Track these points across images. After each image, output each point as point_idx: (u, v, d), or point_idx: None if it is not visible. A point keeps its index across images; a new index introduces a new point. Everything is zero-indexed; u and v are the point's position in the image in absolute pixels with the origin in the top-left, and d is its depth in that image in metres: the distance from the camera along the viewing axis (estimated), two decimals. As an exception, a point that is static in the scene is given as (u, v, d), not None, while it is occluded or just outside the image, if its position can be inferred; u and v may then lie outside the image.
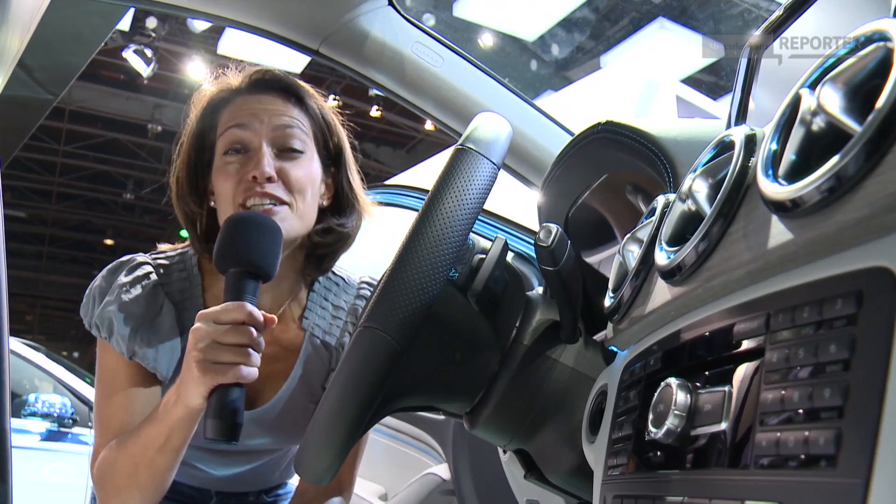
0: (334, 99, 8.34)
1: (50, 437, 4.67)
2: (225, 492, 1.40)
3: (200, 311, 1.00)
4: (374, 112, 9.50)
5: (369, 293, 1.34)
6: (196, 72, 9.68)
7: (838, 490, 0.35)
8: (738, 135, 0.53)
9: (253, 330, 0.99)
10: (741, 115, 0.69)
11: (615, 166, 0.97)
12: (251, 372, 0.99)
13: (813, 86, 0.44)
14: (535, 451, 0.86)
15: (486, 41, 8.20)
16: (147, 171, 12.55)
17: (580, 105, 5.42)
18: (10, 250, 1.55)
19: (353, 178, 1.28)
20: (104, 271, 1.23)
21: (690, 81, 7.39)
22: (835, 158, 0.39)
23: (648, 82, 5.65)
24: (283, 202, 1.14)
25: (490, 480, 1.71)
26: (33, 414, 4.62)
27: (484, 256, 0.84)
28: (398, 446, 2.17)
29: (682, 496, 0.47)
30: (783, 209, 0.43)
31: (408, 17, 1.43)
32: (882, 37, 0.39)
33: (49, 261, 15.92)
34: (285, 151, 1.16)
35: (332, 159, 1.25)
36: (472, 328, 0.83)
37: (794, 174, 0.43)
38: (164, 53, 8.85)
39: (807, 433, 0.38)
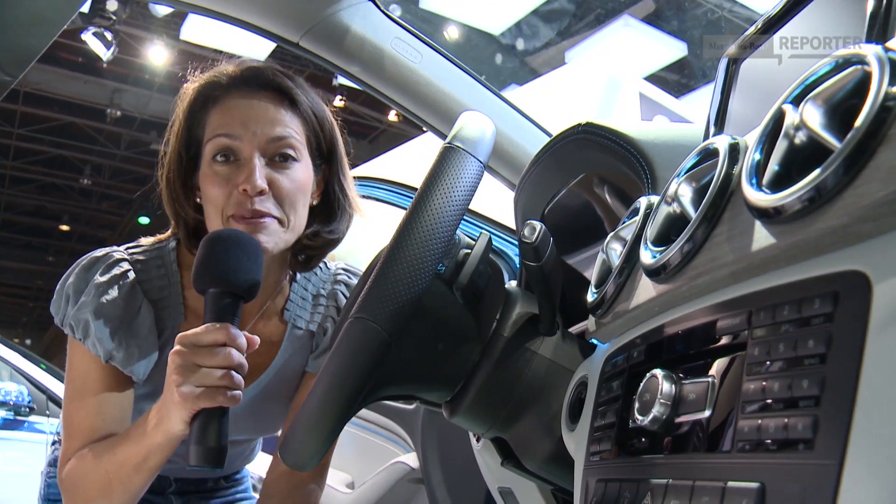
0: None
1: (5, 425, 4.60)
2: (184, 478, 1.42)
3: (180, 334, 0.96)
4: (338, 102, 9.46)
5: (347, 278, 1.34)
6: (158, 56, 9.55)
7: (815, 470, 0.39)
8: (721, 143, 0.57)
9: (235, 352, 0.96)
10: (719, 123, 0.73)
11: (593, 166, 1.00)
12: (235, 395, 0.96)
13: (795, 102, 0.48)
14: (513, 439, 0.89)
15: (453, 33, 8.22)
16: (105, 156, 12.35)
17: (545, 100, 5.48)
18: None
19: (344, 178, 1.24)
20: (78, 268, 1.18)
21: (654, 79, 7.51)
22: (816, 171, 0.43)
23: (612, 79, 5.73)
24: (268, 215, 1.11)
25: (458, 469, 1.74)
26: (-12, 402, 4.55)
27: (469, 251, 0.87)
28: (365, 435, 2.19)
29: (666, 479, 0.51)
30: (766, 215, 0.47)
31: (387, 12, 1.45)
32: (860, 60, 0.43)
33: (1, 246, 15.58)
34: (277, 160, 1.12)
35: (323, 158, 1.22)
36: (455, 320, 0.86)
37: (777, 183, 0.47)
38: (125, 37, 8.70)
39: (786, 419, 0.42)
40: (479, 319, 0.88)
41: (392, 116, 10.26)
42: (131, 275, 1.17)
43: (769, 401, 0.43)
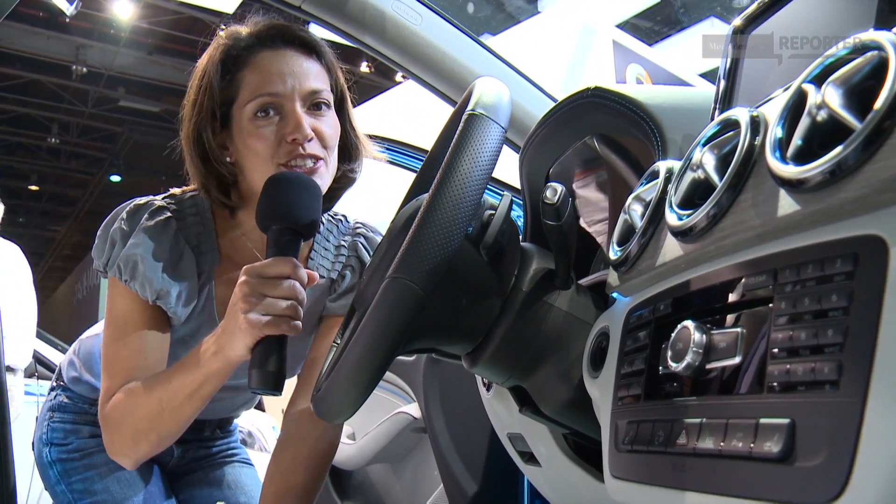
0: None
1: (-4, 388, 4.59)
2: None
3: (246, 266, 1.03)
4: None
5: (366, 231, 1.41)
6: (123, 11, 9.35)
7: (841, 407, 0.46)
8: (742, 116, 0.62)
9: (298, 285, 1.03)
10: (729, 93, 0.78)
11: (600, 129, 1.05)
12: (297, 325, 1.03)
13: (815, 81, 0.53)
14: (532, 386, 0.95)
15: (424, -18, 8.11)
16: (73, 114, 12.10)
17: (519, 49, 5.47)
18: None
19: (353, 119, 1.32)
20: (123, 214, 1.23)
21: (626, 26, 7.51)
22: (838, 148, 0.49)
23: (586, 27, 5.73)
24: (320, 158, 1.17)
25: (461, 417, 1.80)
26: (-22, 366, 4.52)
27: (492, 212, 0.92)
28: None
29: (700, 418, 0.58)
30: (790, 185, 0.53)
31: (387, -25, 1.47)
32: (877, 46, 0.49)
33: (-31, 208, 15.29)
34: (312, 109, 1.19)
35: (337, 104, 1.28)
36: (478, 276, 0.91)
37: (801, 157, 0.53)
38: (89, -10, 8.51)
39: (813, 364, 0.48)
40: (499, 275, 0.93)
41: (364, 68, 10.15)
42: (173, 222, 1.23)
43: (797, 347, 0.50)
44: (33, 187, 14.86)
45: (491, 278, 0.92)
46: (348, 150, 1.31)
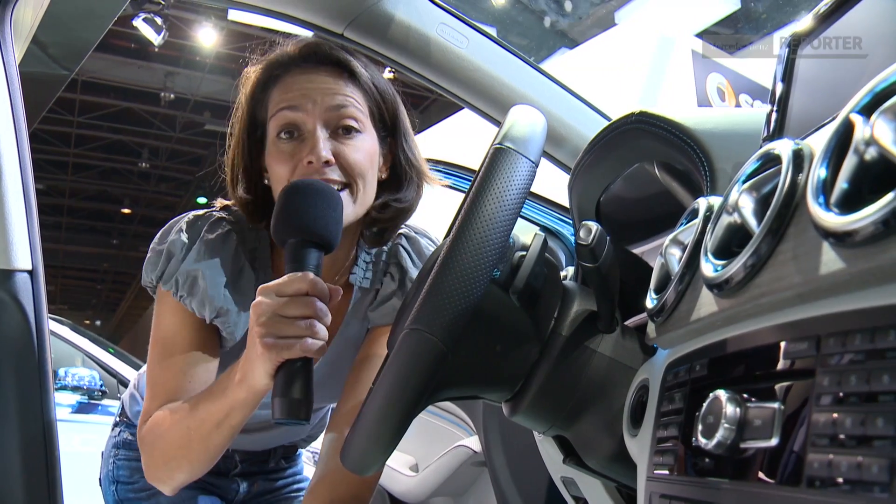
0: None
1: (80, 409, 4.73)
2: (249, 451, 1.44)
3: (261, 285, 0.95)
4: (387, 74, 9.43)
5: (407, 231, 1.31)
6: (207, 38, 9.69)
7: (894, 517, 0.37)
8: (784, 150, 0.54)
9: (317, 301, 0.93)
10: (780, 117, 0.69)
11: (648, 156, 0.97)
12: (318, 345, 0.93)
13: (864, 111, 0.45)
14: (575, 437, 0.88)
15: (500, -1, 8.12)
16: (161, 139, 12.61)
17: (596, 63, 5.37)
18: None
19: (410, 148, 1.23)
20: (182, 224, 1.17)
21: (706, 35, 7.31)
22: (890, 195, 0.40)
23: (663, 38, 5.60)
24: (343, 185, 1.10)
25: (521, 453, 1.74)
26: (64, 387, 4.66)
27: (524, 254, 0.85)
28: (429, 418, 2.20)
29: (733, 506, 0.49)
30: (835, 237, 0.44)
31: (432, -3, 1.43)
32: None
33: (68, 231, 16.11)
34: (340, 132, 1.12)
35: (388, 130, 1.21)
36: (512, 322, 0.84)
37: (846, 203, 0.44)
38: (175, 21, 8.82)
39: (860, 458, 0.40)
40: (536, 319, 0.86)
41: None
42: (234, 234, 1.17)
43: (840, 436, 0.41)
44: (126, 210, 15.51)
45: (526, 323, 0.85)
46: (398, 177, 1.23)
